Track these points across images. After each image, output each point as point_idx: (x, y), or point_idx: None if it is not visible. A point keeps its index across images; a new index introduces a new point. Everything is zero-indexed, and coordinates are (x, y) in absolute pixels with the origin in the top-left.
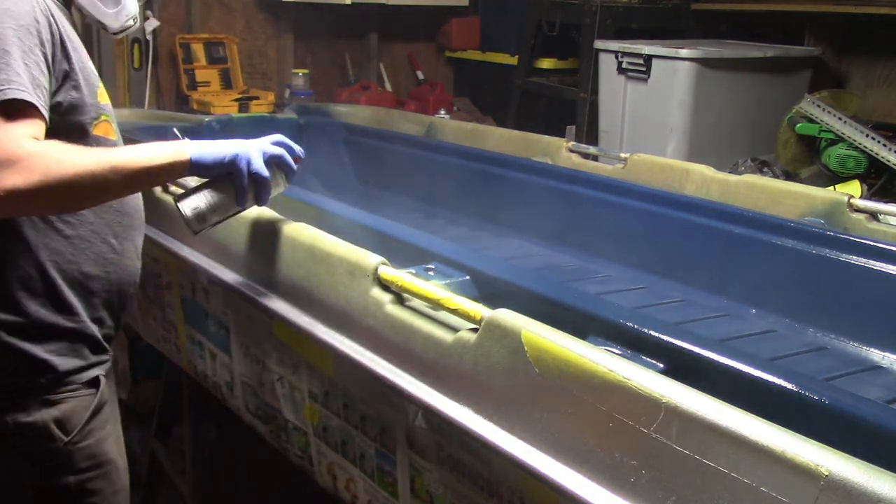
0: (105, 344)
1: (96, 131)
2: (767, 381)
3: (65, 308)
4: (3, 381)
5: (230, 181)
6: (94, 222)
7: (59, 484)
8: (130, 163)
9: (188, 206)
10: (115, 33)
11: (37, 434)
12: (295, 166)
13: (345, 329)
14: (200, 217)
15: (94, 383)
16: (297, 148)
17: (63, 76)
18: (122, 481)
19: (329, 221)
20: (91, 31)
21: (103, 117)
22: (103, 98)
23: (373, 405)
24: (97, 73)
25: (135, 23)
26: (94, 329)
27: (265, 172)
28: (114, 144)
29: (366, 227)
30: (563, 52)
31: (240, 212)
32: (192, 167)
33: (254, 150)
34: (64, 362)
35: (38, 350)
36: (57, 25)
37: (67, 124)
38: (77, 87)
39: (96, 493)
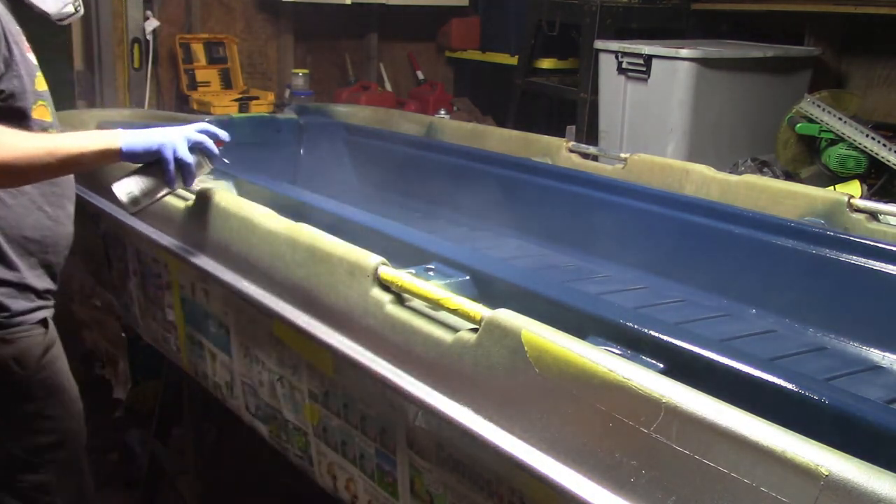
0: (47, 294)
1: (35, 115)
2: (767, 381)
3: (10, 265)
4: None
5: (159, 166)
6: (31, 193)
7: (20, 411)
8: (66, 149)
9: (123, 191)
10: (57, 20)
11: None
12: (217, 150)
13: (345, 329)
14: (134, 200)
15: (43, 323)
16: (222, 134)
17: (5, 67)
18: (76, 406)
19: (329, 221)
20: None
21: (40, 102)
22: (41, 85)
23: (373, 405)
24: (36, 63)
25: (76, 10)
26: (36, 282)
27: (189, 158)
28: (50, 125)
29: (366, 227)
30: (563, 52)
31: (170, 192)
32: (124, 155)
33: (178, 138)
34: (14, 303)
35: None
36: (0, 22)
37: (10, 109)
38: (18, 77)
39: (54, 417)
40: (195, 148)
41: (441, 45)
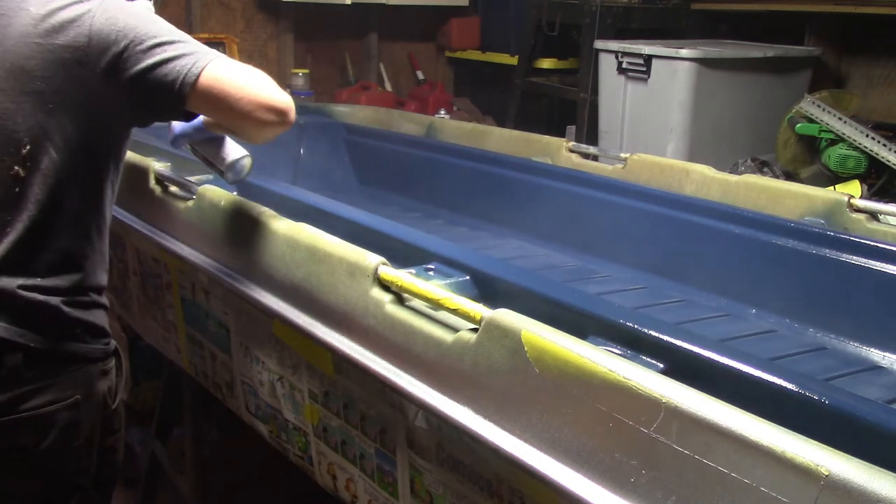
0: None
1: None
2: (767, 381)
3: (101, 289)
4: (80, 352)
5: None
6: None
7: (104, 444)
8: None
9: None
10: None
11: (97, 404)
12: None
13: (345, 329)
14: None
15: (116, 353)
16: None
17: None
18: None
19: (329, 221)
20: None
21: None
22: None
23: (373, 405)
24: None
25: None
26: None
27: None
28: None
29: (366, 227)
30: (563, 52)
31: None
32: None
33: None
34: (108, 329)
35: (95, 318)
36: None
37: None
38: None
39: (118, 451)
40: None
41: (441, 45)
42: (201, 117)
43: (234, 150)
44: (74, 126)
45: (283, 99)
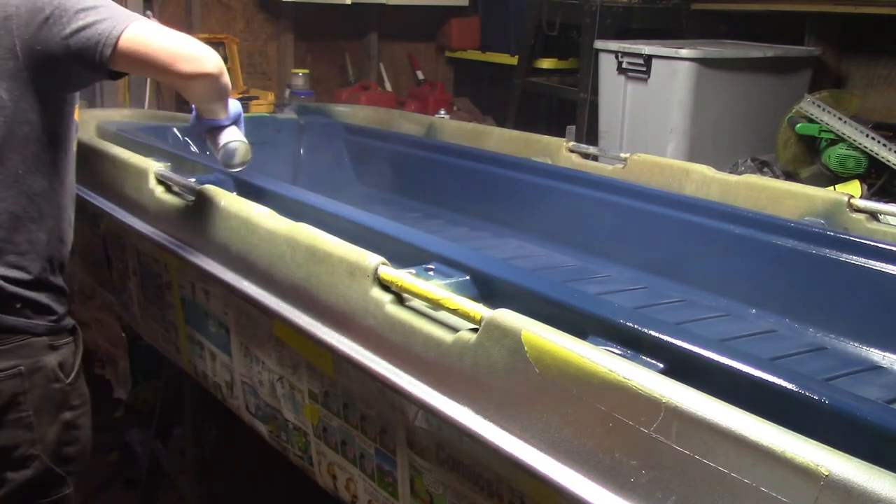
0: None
1: (76, 115)
2: (767, 381)
3: (54, 269)
4: (20, 325)
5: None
6: (70, 189)
7: (59, 421)
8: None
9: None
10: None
11: (45, 377)
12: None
13: (345, 329)
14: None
15: (73, 331)
16: None
17: None
18: (91, 417)
19: (329, 221)
20: None
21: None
22: None
23: (373, 405)
24: None
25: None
26: (65, 287)
27: None
28: (77, 125)
29: (366, 227)
30: (563, 52)
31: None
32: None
33: None
34: (59, 308)
35: (41, 297)
36: None
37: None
38: None
39: (82, 427)
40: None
41: (441, 45)
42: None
43: (229, 135)
44: (9, 93)
45: (198, 51)
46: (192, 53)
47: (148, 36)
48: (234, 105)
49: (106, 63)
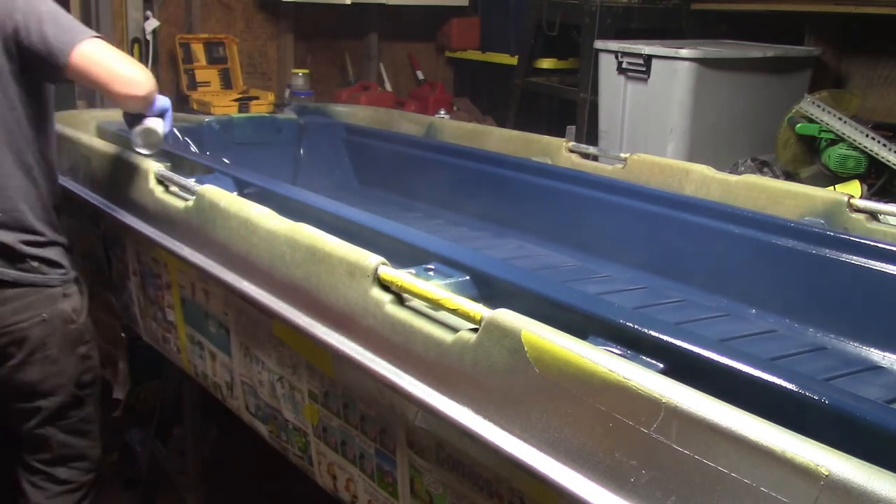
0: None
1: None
2: (767, 381)
3: (56, 228)
4: (39, 280)
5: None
6: (55, 162)
7: (77, 354)
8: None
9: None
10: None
11: (63, 320)
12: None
13: (344, 329)
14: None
15: (77, 280)
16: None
17: None
18: (98, 349)
19: (329, 221)
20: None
21: None
22: None
23: (373, 405)
24: None
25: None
26: (66, 242)
27: None
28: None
29: (366, 227)
30: (563, 52)
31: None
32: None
33: None
34: (66, 262)
35: (52, 254)
36: None
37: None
38: None
39: (93, 357)
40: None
41: (441, 45)
42: None
43: (145, 123)
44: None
45: (134, 75)
46: (126, 76)
47: (94, 55)
48: (162, 100)
49: (62, 72)
